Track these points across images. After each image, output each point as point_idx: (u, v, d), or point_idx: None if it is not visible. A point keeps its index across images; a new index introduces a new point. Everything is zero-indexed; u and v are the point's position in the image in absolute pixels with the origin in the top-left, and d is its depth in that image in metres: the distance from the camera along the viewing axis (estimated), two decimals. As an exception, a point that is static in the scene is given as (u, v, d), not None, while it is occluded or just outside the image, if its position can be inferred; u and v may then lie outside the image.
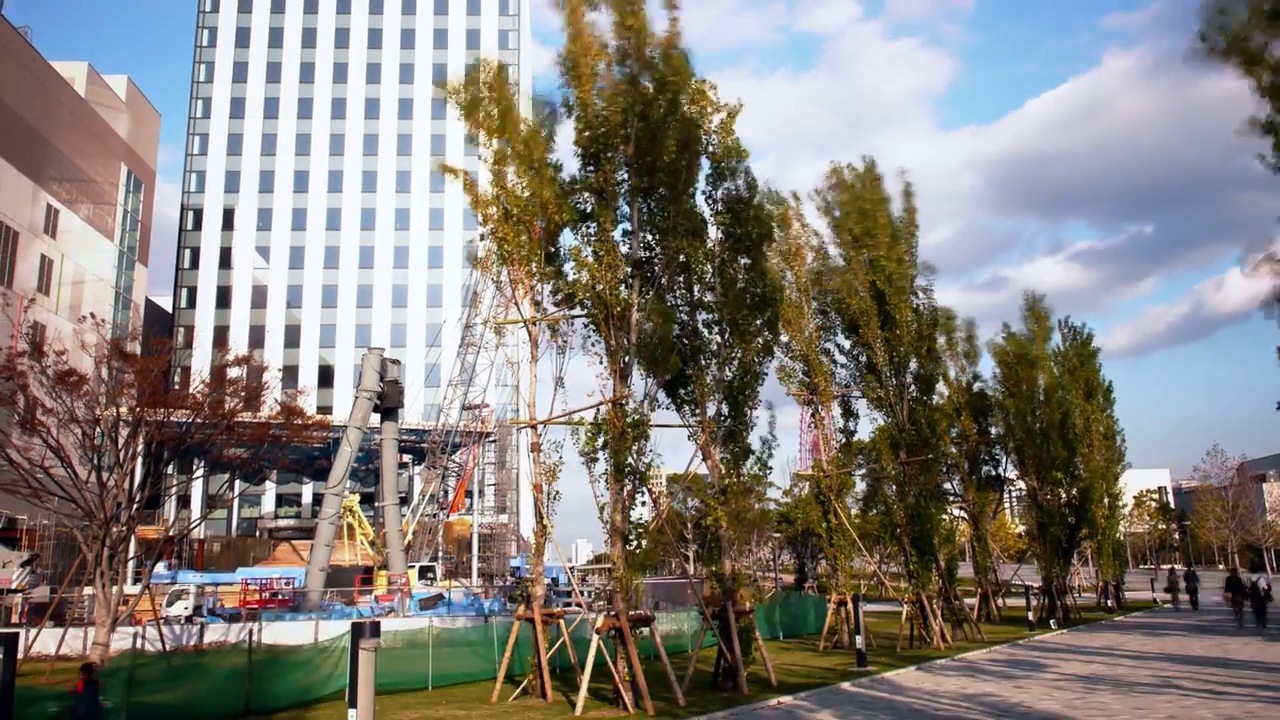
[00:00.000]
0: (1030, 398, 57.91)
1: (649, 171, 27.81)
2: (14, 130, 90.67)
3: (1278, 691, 25.67)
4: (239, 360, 47.08)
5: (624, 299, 26.81)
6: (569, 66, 27.98)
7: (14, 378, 36.65)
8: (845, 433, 44.76)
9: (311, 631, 43.82)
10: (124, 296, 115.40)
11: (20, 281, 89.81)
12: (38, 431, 36.83)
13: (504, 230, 28.22)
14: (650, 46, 28.29)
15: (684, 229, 28.52)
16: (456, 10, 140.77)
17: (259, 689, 26.70)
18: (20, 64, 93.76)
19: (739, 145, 31.12)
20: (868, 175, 44.73)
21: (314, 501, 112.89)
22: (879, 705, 25.16)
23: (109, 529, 35.54)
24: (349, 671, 16.92)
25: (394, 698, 27.41)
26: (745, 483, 31.40)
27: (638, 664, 24.73)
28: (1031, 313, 61.78)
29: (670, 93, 27.99)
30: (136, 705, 23.73)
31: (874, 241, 43.38)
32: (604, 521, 26.30)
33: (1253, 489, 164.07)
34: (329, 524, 69.15)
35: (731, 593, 29.47)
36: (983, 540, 58.08)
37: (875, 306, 43.04)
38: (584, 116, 27.57)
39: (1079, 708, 23.10)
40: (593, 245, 27.20)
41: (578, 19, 27.95)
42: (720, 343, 30.42)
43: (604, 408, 26.32)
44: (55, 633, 39.56)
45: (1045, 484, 59.28)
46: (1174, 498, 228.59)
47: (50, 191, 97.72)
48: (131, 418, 37.35)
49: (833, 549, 42.38)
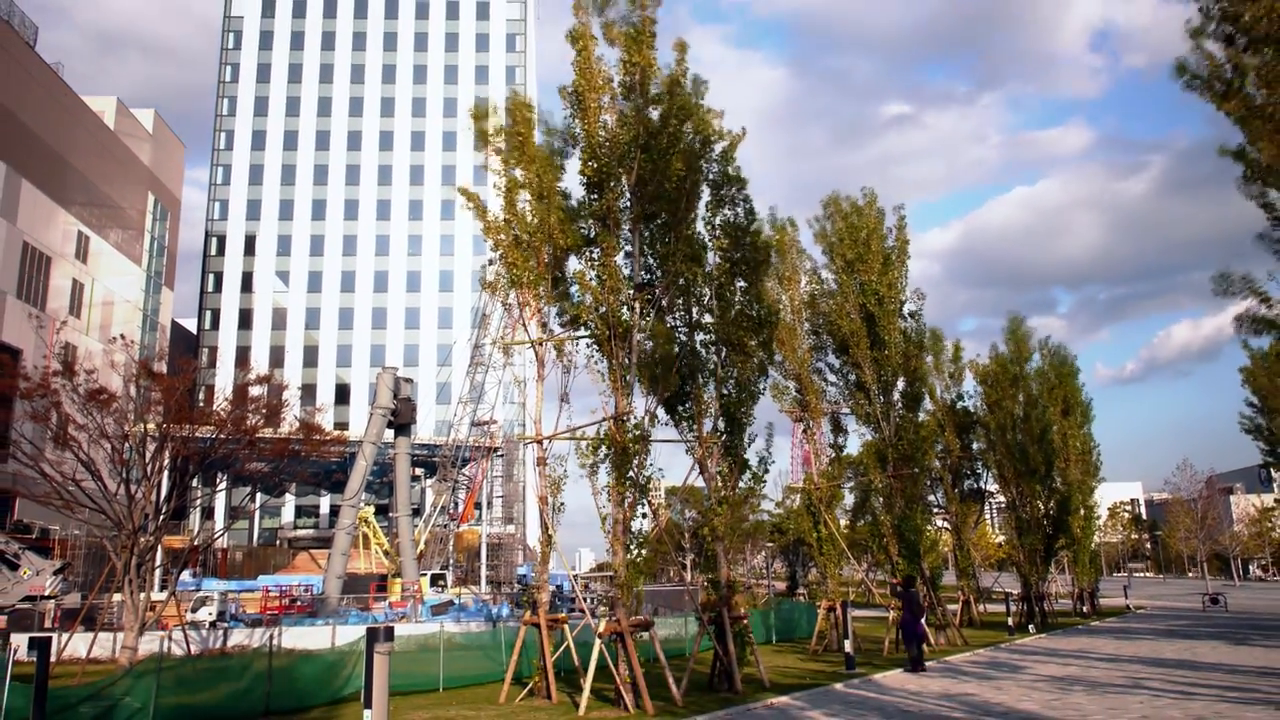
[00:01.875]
0: (1011, 415, 58.01)
1: (651, 199, 27.87)
2: (48, 161, 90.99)
3: (1243, 692, 25.69)
4: (260, 379, 47.11)
5: (626, 321, 26.86)
6: (576, 100, 28.10)
7: (47, 396, 36.72)
8: (835, 448, 44.77)
9: (329, 636, 43.77)
10: (151, 318, 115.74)
11: (53, 304, 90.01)
12: (70, 447, 36.85)
13: (513, 255, 28.28)
14: (656, 81, 28.44)
15: (684, 254, 28.57)
16: (466, 47, 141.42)
17: (279, 690, 26.69)
18: (54, 99, 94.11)
19: (739, 174, 31.20)
20: (867, 207, 44.88)
21: (331, 513, 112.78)
22: (867, 705, 25.17)
23: (137, 539, 35.58)
24: (364, 674, 16.91)
25: (407, 698, 27.42)
26: (740, 495, 31.43)
27: (638, 666, 24.74)
28: (1013, 335, 61.86)
29: (674, 125, 28.11)
30: (163, 706, 23.74)
31: (866, 266, 43.49)
32: (606, 532, 26.32)
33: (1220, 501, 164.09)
34: (345, 534, 69.05)
35: (727, 599, 29.45)
36: (965, 549, 58.11)
37: (865, 328, 43.15)
38: (589, 147, 27.66)
39: (1056, 707, 23.10)
40: (596, 270, 27.29)
41: (586, 55, 28.07)
42: (718, 362, 30.45)
43: (606, 424, 26.34)
44: (86, 637, 39.49)
45: (1024, 496, 59.32)
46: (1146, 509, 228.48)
47: (81, 219, 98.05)
48: (158, 434, 37.39)
49: (823, 558, 42.37)
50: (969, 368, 58.04)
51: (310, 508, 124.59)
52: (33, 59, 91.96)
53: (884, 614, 46.36)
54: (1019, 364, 60.49)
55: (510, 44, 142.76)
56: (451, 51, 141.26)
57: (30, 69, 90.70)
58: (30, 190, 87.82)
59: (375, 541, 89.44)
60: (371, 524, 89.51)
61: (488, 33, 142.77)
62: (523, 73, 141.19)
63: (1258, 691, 25.94)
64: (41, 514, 66.50)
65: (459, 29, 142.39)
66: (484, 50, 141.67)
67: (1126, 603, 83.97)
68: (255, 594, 65.10)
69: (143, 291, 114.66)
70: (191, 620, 48.53)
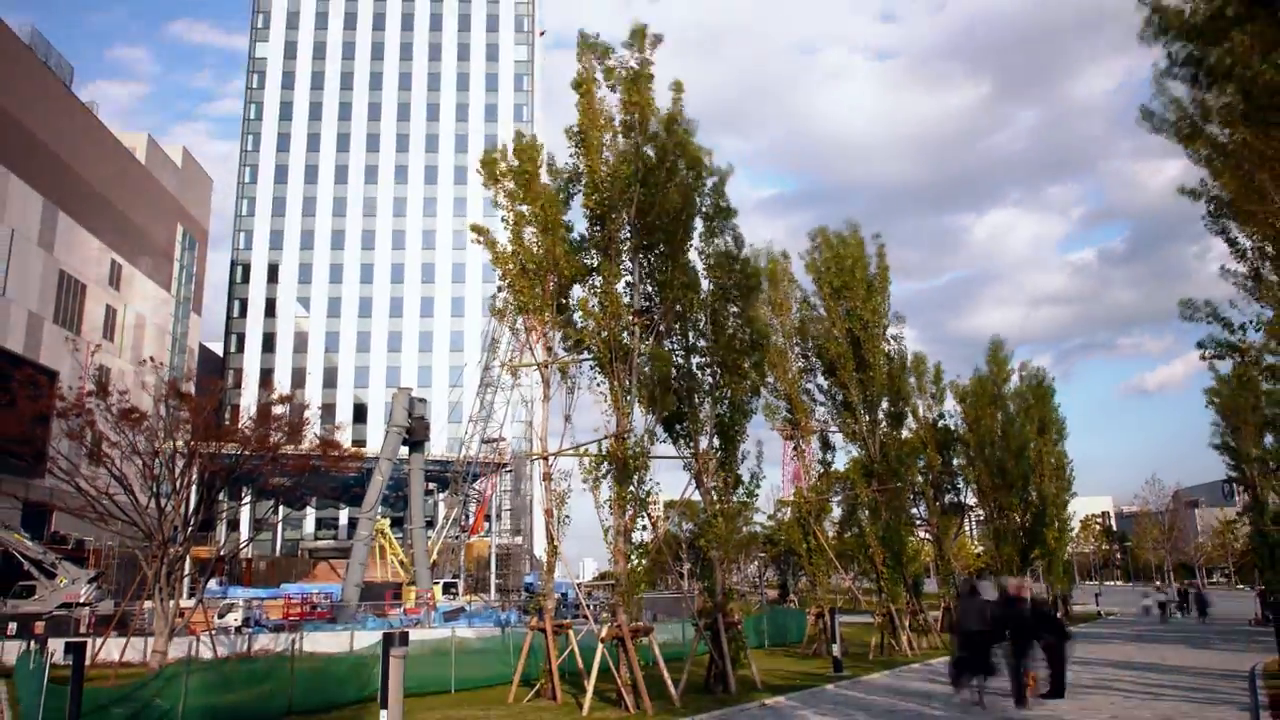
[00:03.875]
0: (990, 432, 58.06)
1: (649, 231, 28.04)
2: (83, 194, 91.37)
3: (1208, 693, 25.76)
4: (282, 399, 47.25)
5: (626, 344, 26.98)
6: (580, 139, 28.27)
7: (82, 415, 36.86)
8: (824, 463, 44.79)
9: (347, 641, 43.64)
10: (180, 342, 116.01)
11: (88, 328, 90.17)
12: (103, 463, 36.97)
13: (521, 283, 28.41)
14: (654, 119, 28.62)
15: (680, 282, 28.70)
16: (476, 87, 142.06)
17: (301, 692, 26.69)
18: (89, 136, 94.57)
19: (729, 207, 31.31)
20: (852, 238, 45.02)
21: (350, 525, 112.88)
22: (854, 704, 25.19)
23: (166, 549, 35.64)
24: (381, 676, 16.96)
25: (421, 699, 27.39)
26: (735, 508, 31.47)
27: (638, 669, 24.79)
28: (993, 357, 61.95)
29: (670, 161, 28.28)
30: (191, 706, 23.76)
31: (851, 293, 43.62)
32: (608, 542, 26.38)
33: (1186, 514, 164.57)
34: (363, 545, 69.02)
35: (722, 605, 29.47)
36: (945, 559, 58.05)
37: (851, 351, 43.22)
38: (592, 182, 27.82)
39: (1029, 706, 23.11)
40: (599, 297, 27.42)
41: (589, 98, 28.24)
42: (712, 383, 30.50)
43: (608, 441, 26.42)
44: (119, 642, 39.50)
45: (1002, 509, 59.34)
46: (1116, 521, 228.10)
47: (114, 248, 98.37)
48: (187, 450, 37.41)
49: (812, 567, 42.41)
50: (950, 388, 58.10)
51: (330, 520, 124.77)
52: (69, 98, 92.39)
53: (869, 619, 46.32)
54: (998, 385, 60.57)
55: (518, 83, 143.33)
56: (463, 90, 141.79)
57: (67, 108, 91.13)
58: (67, 222, 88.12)
59: (391, 552, 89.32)
60: (388, 535, 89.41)
61: (497, 73, 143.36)
62: (529, 110, 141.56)
63: (1220, 693, 26.01)
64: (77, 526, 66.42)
65: (469, 69, 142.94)
66: (493, 89, 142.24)
67: (1098, 609, 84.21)
68: (278, 601, 64.97)
69: (172, 316, 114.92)
70: (218, 626, 48.52)
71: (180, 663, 28.16)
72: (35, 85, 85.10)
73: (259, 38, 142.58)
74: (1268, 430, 53.81)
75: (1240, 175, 22.48)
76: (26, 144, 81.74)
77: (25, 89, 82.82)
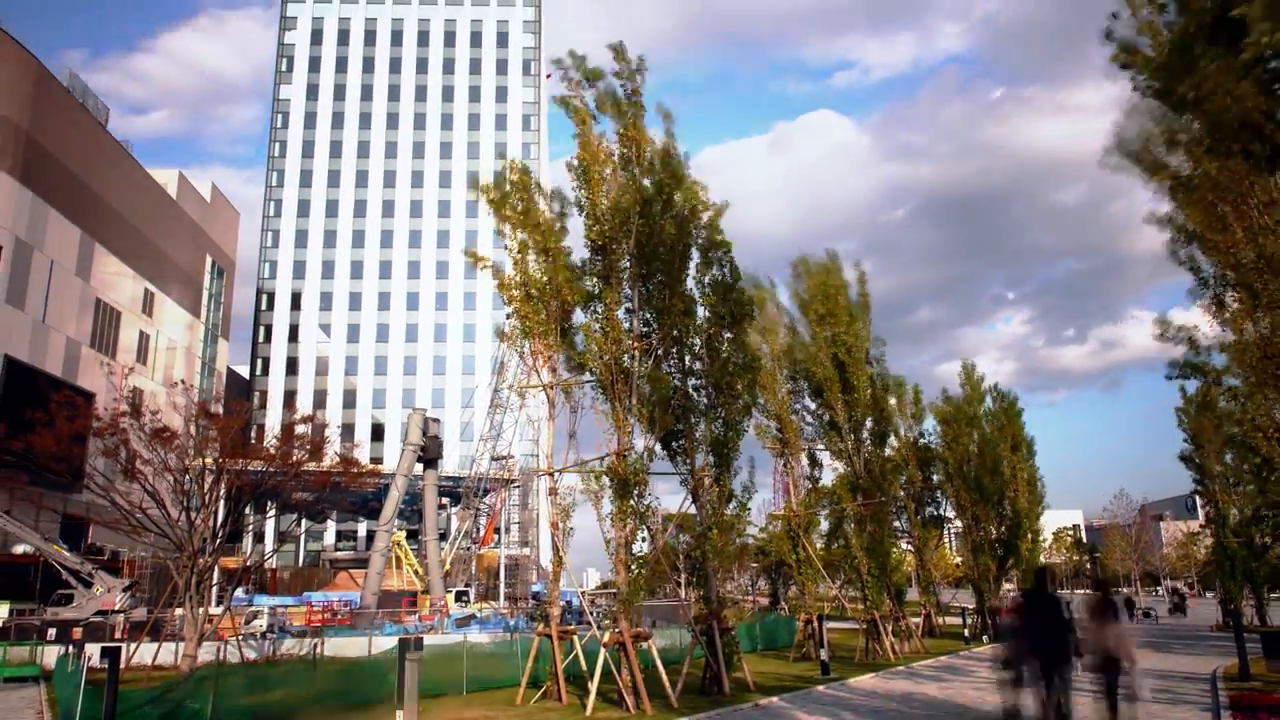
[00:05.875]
0: (967, 450, 58.17)
1: (648, 260, 28.16)
2: (118, 228, 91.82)
3: (1172, 695, 25.78)
4: (304, 419, 47.35)
5: (626, 367, 27.08)
6: (580, 172, 28.41)
7: (117, 434, 37.01)
8: (811, 479, 44.78)
9: (366, 645, 43.69)
10: (209, 365, 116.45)
11: (122, 353, 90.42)
12: (137, 479, 37.09)
13: (526, 309, 28.48)
14: (649, 152, 28.77)
15: (677, 308, 28.80)
16: (486, 126, 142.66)
17: (322, 694, 26.77)
18: (123, 173, 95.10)
19: (724, 239, 31.39)
20: (832, 266, 45.15)
21: (368, 537, 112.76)
22: (840, 704, 25.22)
23: (196, 560, 35.74)
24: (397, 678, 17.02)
25: (435, 700, 27.38)
26: (728, 521, 31.50)
27: (638, 672, 24.82)
28: (968, 380, 62.20)
29: (666, 192, 28.41)
30: (220, 706, 23.80)
31: (835, 320, 43.72)
32: (610, 553, 26.45)
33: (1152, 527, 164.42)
34: (380, 555, 69.14)
35: (717, 612, 29.51)
36: (926, 569, 58.16)
37: (837, 374, 43.29)
38: (593, 213, 27.94)
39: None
40: (600, 322, 27.52)
41: (586, 131, 28.41)
42: (707, 404, 30.52)
43: (610, 458, 26.50)
44: (151, 646, 39.57)
45: (979, 522, 59.35)
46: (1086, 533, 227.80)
47: (147, 277, 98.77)
48: (215, 467, 37.55)
49: (801, 576, 42.33)
50: (929, 409, 58.29)
51: (349, 532, 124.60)
52: (105, 138, 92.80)
53: (855, 625, 46.30)
54: (973, 406, 60.75)
55: (526, 123, 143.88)
56: (474, 129, 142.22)
57: (103, 147, 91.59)
58: (102, 253, 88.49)
59: (407, 562, 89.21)
60: (403, 547, 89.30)
61: (506, 114, 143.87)
62: (537, 148, 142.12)
63: (1184, 694, 26.04)
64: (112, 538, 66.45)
65: (480, 110, 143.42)
66: (502, 129, 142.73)
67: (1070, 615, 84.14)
68: (301, 608, 65.00)
69: (201, 341, 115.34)
70: (245, 631, 48.50)
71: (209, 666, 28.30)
72: (73, 125, 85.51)
73: (283, 80, 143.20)
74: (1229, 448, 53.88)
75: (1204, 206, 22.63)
76: (65, 180, 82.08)
77: (64, 129, 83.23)
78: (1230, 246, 22.03)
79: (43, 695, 32.62)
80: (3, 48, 74.68)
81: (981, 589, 59.21)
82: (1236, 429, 32.29)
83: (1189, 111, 11.68)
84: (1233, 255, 22.16)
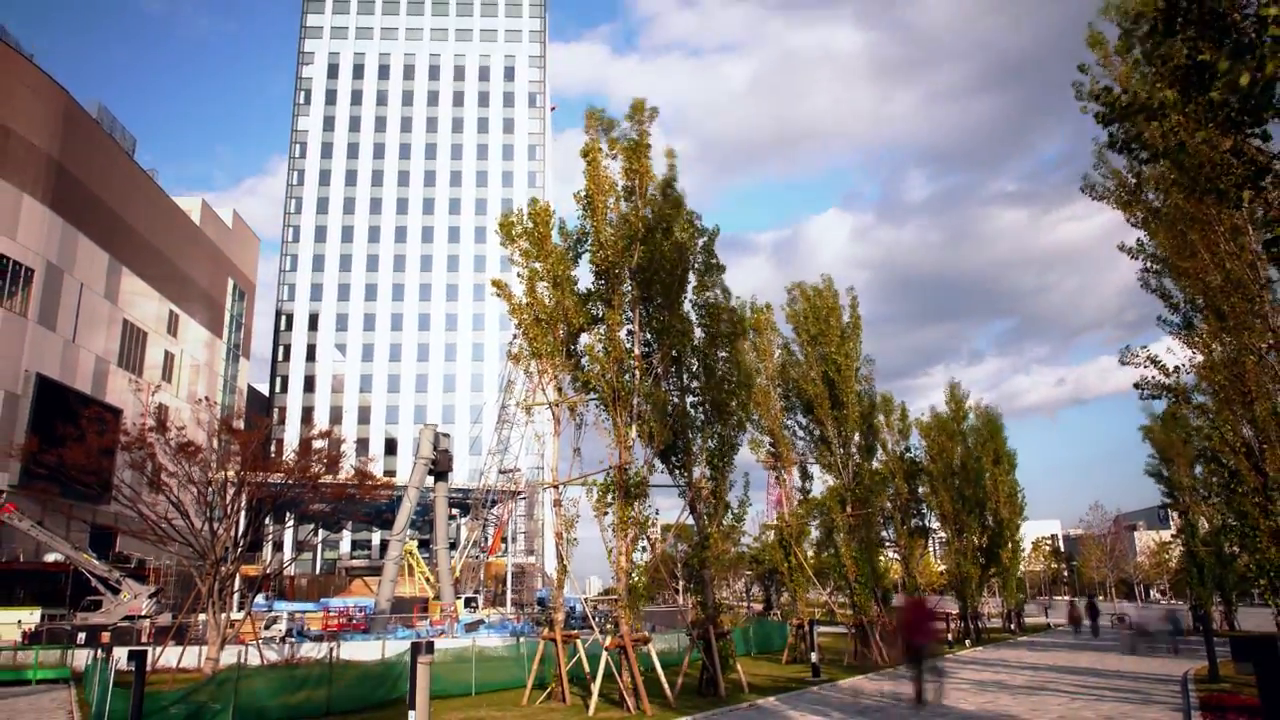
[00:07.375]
0: (950, 464, 58.18)
1: (648, 284, 28.33)
2: (144, 252, 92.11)
3: (1144, 695, 25.87)
4: (321, 434, 47.35)
5: (628, 385, 27.21)
6: (588, 203, 28.58)
7: (144, 448, 37.06)
8: (803, 491, 44.83)
9: (380, 649, 43.64)
10: (230, 383, 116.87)
11: (148, 371, 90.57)
12: (163, 490, 37.14)
13: (534, 332, 28.65)
14: (651, 185, 28.97)
15: (676, 330, 28.93)
16: (494, 156, 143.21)
17: (339, 695, 26.80)
18: (149, 199, 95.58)
19: (719, 264, 31.54)
20: (826, 289, 45.23)
21: (382, 546, 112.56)
22: (830, 704, 25.29)
23: (218, 567, 35.74)
24: (409, 681, 17.06)
25: (445, 702, 27.44)
26: (724, 531, 31.60)
27: (638, 674, 24.87)
28: (952, 397, 62.27)
29: (666, 222, 28.63)
30: (241, 707, 23.87)
31: (826, 340, 43.81)
32: (612, 562, 26.52)
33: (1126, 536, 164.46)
34: (393, 564, 69.01)
35: (713, 618, 29.56)
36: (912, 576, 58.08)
37: (827, 391, 43.36)
38: (598, 241, 28.10)
39: (987, 708, 23.22)
40: (603, 343, 27.64)
41: (595, 166, 28.58)
42: (704, 420, 30.62)
43: (612, 472, 26.60)
44: (176, 650, 39.53)
45: (962, 532, 59.30)
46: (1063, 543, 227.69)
47: (172, 299, 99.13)
48: (236, 479, 37.59)
49: (793, 583, 42.36)
50: (915, 425, 58.26)
51: (364, 541, 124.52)
52: (132, 166, 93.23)
53: (844, 630, 46.24)
54: (957, 421, 60.78)
55: (531, 153, 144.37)
56: (482, 159, 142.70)
57: (130, 175, 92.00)
58: (129, 276, 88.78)
59: (418, 570, 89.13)
60: (415, 555, 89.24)
61: (512, 144, 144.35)
62: (542, 177, 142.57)
63: (1156, 696, 26.10)
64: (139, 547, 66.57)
65: (488, 140, 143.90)
66: (509, 158, 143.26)
67: (1047, 621, 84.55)
68: (318, 614, 64.91)
69: (223, 360, 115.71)
70: (265, 636, 48.48)
71: (231, 669, 28.32)
72: (102, 155, 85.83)
73: (300, 113, 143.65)
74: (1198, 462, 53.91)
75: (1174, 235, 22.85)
76: (94, 207, 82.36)
77: (93, 158, 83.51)
78: (1199, 272, 22.22)
79: (73, 697, 32.67)
80: (35, 82, 75.00)
81: (965, 595, 59.18)
82: (1206, 444, 32.42)
83: (1159, 155, 11.80)
84: (1200, 280, 22.35)
